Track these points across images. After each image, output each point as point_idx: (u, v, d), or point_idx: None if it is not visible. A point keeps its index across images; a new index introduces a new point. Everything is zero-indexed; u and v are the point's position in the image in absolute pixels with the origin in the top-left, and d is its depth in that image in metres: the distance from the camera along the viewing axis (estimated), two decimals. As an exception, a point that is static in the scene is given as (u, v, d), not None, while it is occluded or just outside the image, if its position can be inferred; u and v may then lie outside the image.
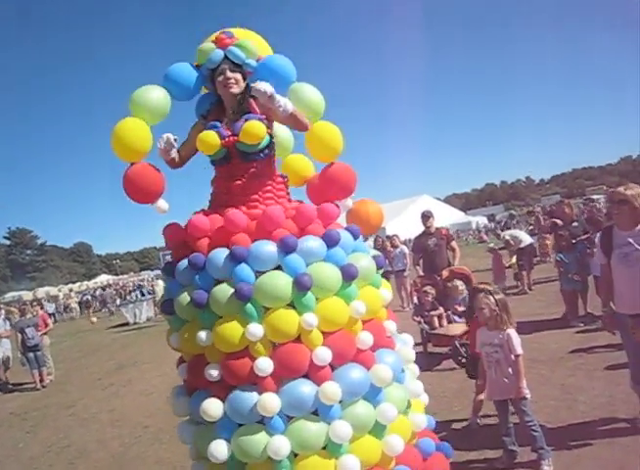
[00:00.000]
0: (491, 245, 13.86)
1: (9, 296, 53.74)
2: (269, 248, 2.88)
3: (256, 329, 2.73)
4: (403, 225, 35.75)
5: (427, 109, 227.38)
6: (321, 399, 2.69)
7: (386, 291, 3.36)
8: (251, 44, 3.26)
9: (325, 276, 2.88)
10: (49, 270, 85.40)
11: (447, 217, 51.53)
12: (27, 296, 51.01)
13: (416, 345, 7.66)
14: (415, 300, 8.08)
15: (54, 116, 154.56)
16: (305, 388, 2.73)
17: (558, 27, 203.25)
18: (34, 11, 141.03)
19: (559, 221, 8.48)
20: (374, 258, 3.29)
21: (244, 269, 2.82)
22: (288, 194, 3.47)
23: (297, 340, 2.80)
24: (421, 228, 8.73)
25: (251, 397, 2.72)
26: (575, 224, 8.28)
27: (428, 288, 7.69)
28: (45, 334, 11.39)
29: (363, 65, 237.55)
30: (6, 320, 13.66)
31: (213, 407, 2.77)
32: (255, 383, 2.75)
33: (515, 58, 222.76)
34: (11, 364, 11.81)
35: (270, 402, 2.65)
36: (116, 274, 72.12)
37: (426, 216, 8.57)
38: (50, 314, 25.95)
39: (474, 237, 41.94)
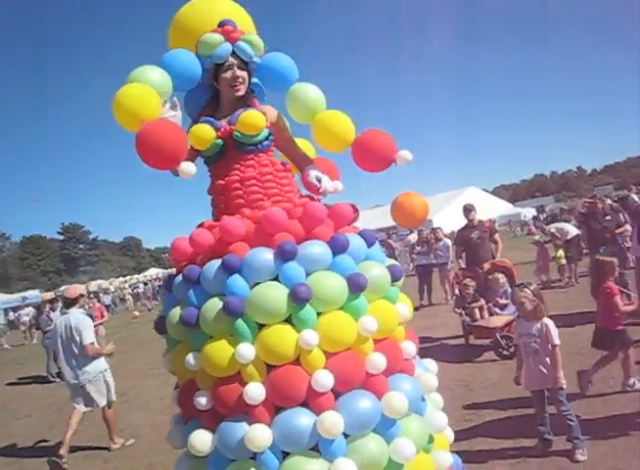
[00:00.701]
0: (537, 237, 13.69)
1: (63, 288, 55.53)
2: (265, 256, 2.54)
3: (247, 349, 2.38)
4: (450, 218, 35.25)
5: (472, 97, 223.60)
6: (319, 431, 2.30)
7: (403, 306, 2.92)
8: (257, 39, 3.03)
9: (327, 286, 2.51)
10: (100, 264, 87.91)
11: (495, 209, 50.72)
12: (80, 289, 52.79)
13: (457, 337, 7.90)
14: (457, 292, 8.15)
15: (102, 112, 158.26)
16: (303, 418, 2.35)
17: (609, 13, 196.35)
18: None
19: (582, 207, 8.55)
20: (390, 267, 2.89)
21: (236, 281, 2.50)
22: (294, 185, 3.18)
23: (297, 362, 2.44)
24: (467, 221, 8.76)
25: (241, 428, 2.37)
26: (608, 218, 8.30)
27: (467, 280, 7.77)
28: (100, 325, 11.89)
29: (404, 54, 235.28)
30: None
31: (201, 440, 2.47)
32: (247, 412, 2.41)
33: (562, 44, 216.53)
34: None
35: (259, 436, 2.29)
36: (165, 268, 73.59)
37: (468, 210, 8.62)
38: (106, 306, 26.93)
39: (522, 229, 41.17)
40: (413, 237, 15.73)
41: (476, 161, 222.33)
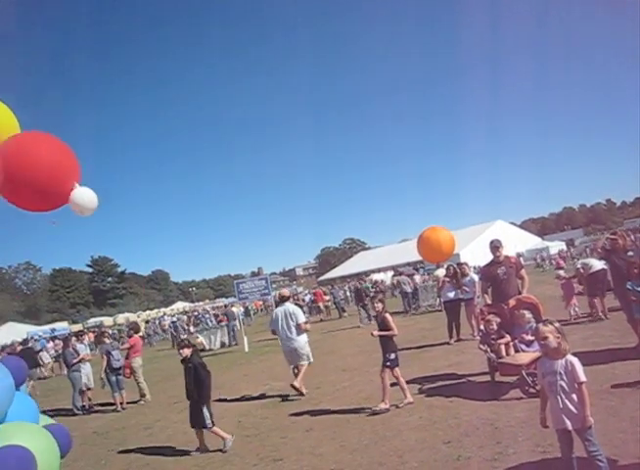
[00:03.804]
0: (561, 272, 13.53)
1: (91, 321, 56.33)
2: None
3: None
4: (478, 252, 35.06)
5: (500, 132, 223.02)
6: None
7: None
8: None
9: None
10: (128, 297, 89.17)
11: (523, 243, 50.29)
12: (108, 321, 53.40)
13: (483, 373, 7.78)
14: (482, 327, 8.05)
15: (136, 149, 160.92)
16: None
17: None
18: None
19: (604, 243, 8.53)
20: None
21: None
22: None
23: None
24: (496, 254, 8.72)
25: None
26: (631, 253, 8.22)
27: (490, 316, 7.67)
28: (138, 356, 12.19)
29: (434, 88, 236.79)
30: (87, 345, 14.52)
31: None
32: None
33: (585, 77, 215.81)
34: (92, 386, 12.51)
35: None
36: (192, 301, 74.13)
37: (495, 247, 8.57)
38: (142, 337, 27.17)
39: (550, 263, 40.62)
40: (441, 272, 15.67)
41: (504, 194, 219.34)
